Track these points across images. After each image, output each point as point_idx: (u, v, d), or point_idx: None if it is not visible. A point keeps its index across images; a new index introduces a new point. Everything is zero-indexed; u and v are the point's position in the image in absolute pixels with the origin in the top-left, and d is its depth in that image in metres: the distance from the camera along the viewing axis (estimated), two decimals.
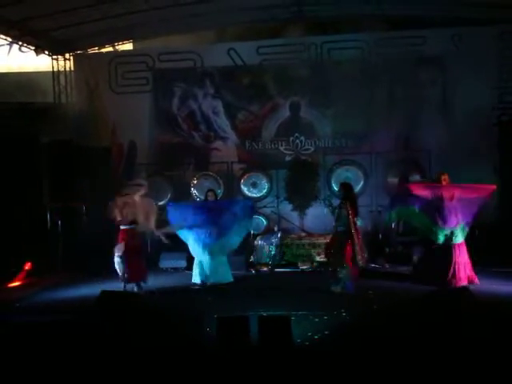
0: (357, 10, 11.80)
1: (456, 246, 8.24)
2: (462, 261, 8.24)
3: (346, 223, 7.97)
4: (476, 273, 8.37)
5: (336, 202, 8.71)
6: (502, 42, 11.49)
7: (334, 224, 8.24)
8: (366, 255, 8.25)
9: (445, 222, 8.14)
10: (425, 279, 8.13)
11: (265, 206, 11.91)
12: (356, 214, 8.09)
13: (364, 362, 5.03)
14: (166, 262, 10.60)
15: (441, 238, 8.20)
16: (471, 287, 7.40)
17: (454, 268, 8.16)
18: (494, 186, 8.50)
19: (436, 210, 8.19)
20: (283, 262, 10.33)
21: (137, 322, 6.18)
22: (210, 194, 9.56)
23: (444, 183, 8.40)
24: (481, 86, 11.27)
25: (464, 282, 8.11)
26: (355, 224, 8.00)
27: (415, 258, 9.29)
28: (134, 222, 8.34)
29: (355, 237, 7.94)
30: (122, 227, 8.33)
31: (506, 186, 10.52)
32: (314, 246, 10.57)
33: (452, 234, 8.18)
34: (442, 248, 8.25)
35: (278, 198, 11.85)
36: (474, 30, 11.61)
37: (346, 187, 8.38)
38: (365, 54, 11.91)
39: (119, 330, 5.90)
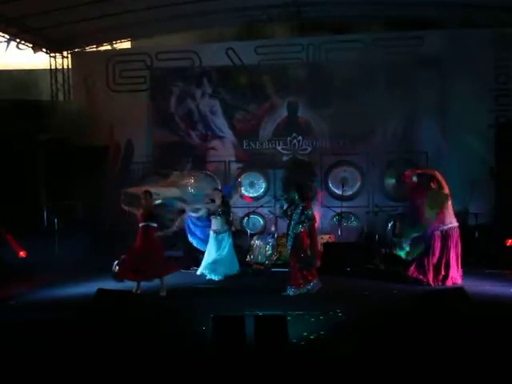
0: (355, 10, 11.82)
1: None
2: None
3: (311, 222, 8.14)
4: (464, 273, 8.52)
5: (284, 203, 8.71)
6: (498, 44, 11.50)
7: (293, 225, 8.12)
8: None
9: None
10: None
11: (262, 206, 11.92)
12: None
13: (360, 362, 5.05)
14: None
15: None
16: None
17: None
18: None
19: None
20: (280, 262, 10.35)
21: (133, 320, 6.19)
22: (215, 192, 9.71)
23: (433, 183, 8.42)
24: (477, 87, 11.32)
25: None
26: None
27: None
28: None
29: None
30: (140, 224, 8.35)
31: (501, 188, 10.57)
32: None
33: None
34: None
35: (275, 197, 11.86)
36: (471, 31, 11.64)
37: (303, 189, 8.44)
38: (363, 55, 11.90)
39: (115, 328, 5.91)
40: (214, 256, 9.47)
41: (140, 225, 8.31)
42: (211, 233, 9.62)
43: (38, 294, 8.58)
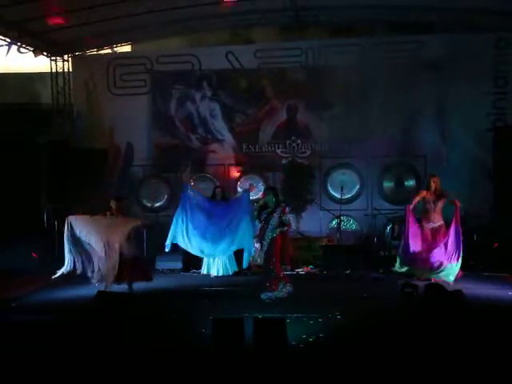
0: (354, 14, 11.88)
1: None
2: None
3: (286, 227, 7.97)
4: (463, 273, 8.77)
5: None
6: (497, 48, 11.58)
7: (270, 229, 7.86)
8: None
9: None
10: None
11: None
12: None
13: (358, 365, 5.09)
14: (162, 264, 10.66)
15: None
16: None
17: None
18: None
19: None
20: None
21: (133, 322, 6.23)
22: (217, 190, 9.74)
23: (433, 185, 8.78)
24: (476, 91, 11.38)
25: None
26: None
27: None
28: None
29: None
30: None
31: (499, 191, 10.63)
32: (310, 248, 10.64)
33: None
34: None
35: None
36: (469, 36, 11.70)
37: (277, 192, 8.30)
38: (361, 59, 11.96)
39: (115, 330, 5.95)
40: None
41: None
42: None
43: (39, 295, 8.60)
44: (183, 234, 9.22)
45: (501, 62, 11.63)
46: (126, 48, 13.54)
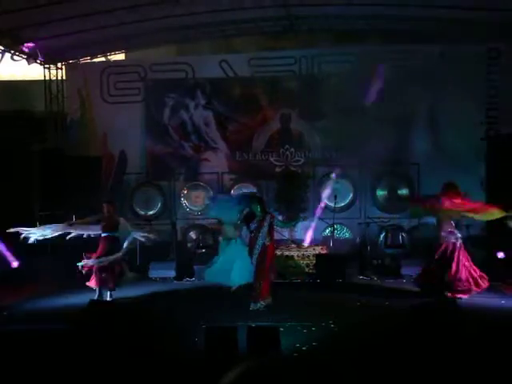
0: (348, 24, 11.95)
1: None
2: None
3: (270, 236, 7.98)
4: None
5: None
6: (488, 58, 11.68)
7: (262, 237, 7.89)
8: None
9: None
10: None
11: None
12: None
13: (352, 374, 5.07)
14: (156, 272, 10.62)
15: None
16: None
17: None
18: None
19: None
20: None
21: (125, 331, 6.19)
22: None
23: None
24: (468, 101, 11.43)
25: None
26: None
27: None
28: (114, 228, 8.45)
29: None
30: (103, 234, 8.43)
31: (492, 199, 10.66)
32: (304, 257, 10.64)
33: None
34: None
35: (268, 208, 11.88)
36: (461, 46, 11.79)
37: (262, 200, 8.32)
38: (355, 68, 12.01)
39: (107, 339, 5.91)
40: (234, 262, 8.57)
41: (103, 235, 8.41)
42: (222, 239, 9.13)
43: (31, 304, 8.55)
44: None
45: (492, 71, 11.73)
46: (120, 56, 13.54)
